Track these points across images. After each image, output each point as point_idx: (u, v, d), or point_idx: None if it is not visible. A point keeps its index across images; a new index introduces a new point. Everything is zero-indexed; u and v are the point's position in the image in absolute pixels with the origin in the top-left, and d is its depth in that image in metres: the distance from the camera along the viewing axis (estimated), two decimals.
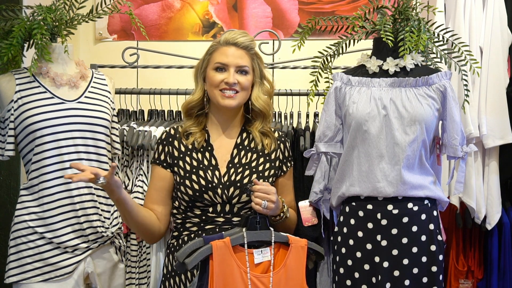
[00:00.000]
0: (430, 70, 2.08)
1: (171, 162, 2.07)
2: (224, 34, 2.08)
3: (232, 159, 2.07)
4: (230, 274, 1.85)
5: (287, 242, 1.94)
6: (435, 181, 2.05)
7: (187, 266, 1.81)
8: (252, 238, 1.91)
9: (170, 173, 2.08)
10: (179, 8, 3.47)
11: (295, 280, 1.93)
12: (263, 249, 1.91)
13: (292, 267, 1.92)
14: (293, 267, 1.93)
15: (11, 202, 2.90)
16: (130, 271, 2.52)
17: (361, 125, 2.00)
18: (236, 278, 1.85)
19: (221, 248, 1.84)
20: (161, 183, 2.09)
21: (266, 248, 1.92)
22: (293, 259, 1.93)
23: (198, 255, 1.82)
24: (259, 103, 2.08)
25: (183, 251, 1.83)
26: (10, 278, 2.15)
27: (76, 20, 2.32)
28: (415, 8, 2.14)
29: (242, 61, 2.04)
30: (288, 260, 1.92)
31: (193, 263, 1.81)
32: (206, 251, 1.83)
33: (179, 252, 1.84)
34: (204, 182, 2.01)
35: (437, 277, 1.98)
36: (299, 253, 1.94)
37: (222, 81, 2.02)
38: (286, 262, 1.92)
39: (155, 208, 2.08)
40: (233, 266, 1.85)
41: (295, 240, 1.95)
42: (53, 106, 2.16)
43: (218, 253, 1.83)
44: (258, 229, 1.92)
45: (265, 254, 1.91)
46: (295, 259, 1.93)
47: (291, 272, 1.92)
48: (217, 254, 1.83)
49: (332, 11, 3.35)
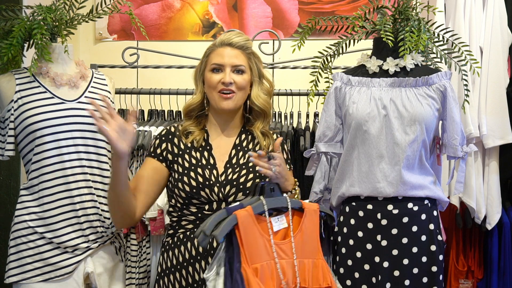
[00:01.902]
0: (430, 70, 2.08)
1: (169, 158, 2.07)
2: (220, 36, 2.09)
3: (230, 159, 2.07)
4: (255, 243, 1.84)
5: (301, 208, 1.94)
6: (435, 181, 2.05)
7: (217, 238, 1.78)
8: (271, 205, 1.89)
9: (165, 167, 2.06)
10: (179, 8, 3.47)
11: (310, 243, 1.93)
12: (279, 217, 1.91)
13: (307, 231, 1.93)
14: (308, 231, 1.93)
15: (11, 202, 2.90)
16: (130, 271, 2.52)
17: (361, 125, 2.00)
18: (260, 247, 1.84)
19: (245, 217, 1.82)
20: (153, 174, 2.05)
21: (282, 215, 1.91)
22: (308, 223, 1.93)
23: (225, 226, 1.79)
24: (259, 101, 2.09)
25: (210, 223, 1.79)
26: (10, 278, 2.15)
27: (76, 20, 2.32)
28: (415, 8, 2.14)
29: (238, 60, 2.05)
30: (304, 225, 1.92)
31: (221, 234, 1.78)
32: (232, 221, 1.81)
33: (205, 226, 1.80)
34: (201, 180, 2.01)
35: (437, 277, 1.98)
36: (313, 217, 1.94)
37: (219, 82, 2.03)
38: (302, 227, 1.92)
39: (137, 195, 2.02)
40: (256, 235, 1.84)
41: (308, 205, 1.95)
42: (53, 106, 2.16)
43: (243, 223, 1.82)
44: (274, 196, 1.91)
45: (281, 221, 1.91)
46: (310, 223, 1.93)
47: (306, 236, 1.92)
48: (242, 224, 1.81)
49: (332, 11, 3.35)
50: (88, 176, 2.19)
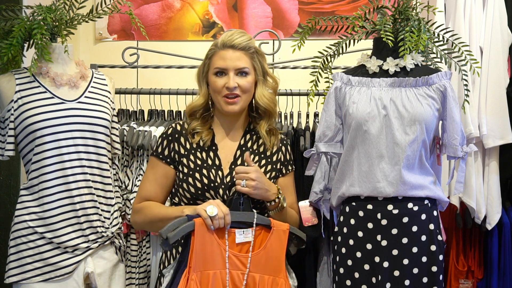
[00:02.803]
0: (430, 70, 2.08)
1: (176, 158, 2.07)
2: (221, 36, 2.07)
3: (235, 160, 2.08)
4: (210, 251, 1.91)
5: (269, 225, 2.00)
6: (435, 181, 2.05)
7: (170, 240, 1.86)
8: (234, 218, 1.95)
9: (173, 169, 2.08)
10: (179, 8, 3.47)
11: (274, 263, 1.98)
12: (245, 230, 1.97)
13: (272, 250, 1.98)
14: (273, 249, 1.98)
15: (11, 202, 2.90)
16: (130, 271, 2.52)
17: (361, 125, 2.00)
18: (215, 256, 1.91)
19: (203, 225, 1.90)
20: (164, 180, 2.09)
21: (248, 229, 1.98)
22: (274, 242, 1.99)
23: (180, 230, 1.88)
24: (263, 101, 2.09)
25: (167, 227, 1.88)
26: (10, 278, 2.15)
27: (76, 20, 2.32)
28: (415, 8, 2.14)
29: (241, 62, 2.04)
30: (269, 242, 1.98)
31: (175, 238, 1.87)
32: (188, 227, 1.89)
33: (163, 229, 1.88)
34: (206, 181, 2.01)
35: (437, 277, 1.98)
36: (281, 237, 2.00)
37: (223, 87, 2.02)
38: (267, 244, 1.98)
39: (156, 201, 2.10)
40: (213, 244, 1.91)
41: (277, 224, 2.01)
42: (53, 106, 2.16)
43: (199, 230, 1.89)
44: (241, 210, 1.97)
45: (246, 234, 1.97)
46: (276, 242, 1.99)
47: (271, 254, 1.98)
48: (198, 231, 1.89)
49: (332, 11, 3.35)
50: (88, 176, 2.19)
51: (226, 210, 1.93)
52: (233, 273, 1.93)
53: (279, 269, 1.99)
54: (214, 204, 1.92)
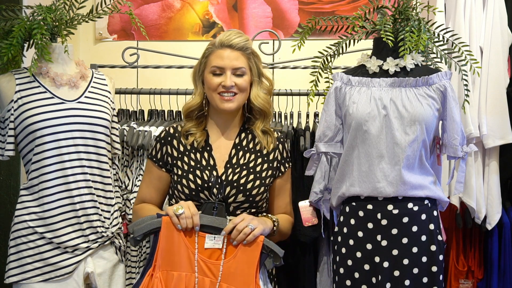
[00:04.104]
0: (430, 70, 2.08)
1: (169, 161, 2.08)
2: (219, 36, 2.08)
3: (230, 159, 2.07)
4: (178, 252, 1.87)
5: None
6: (435, 181, 2.05)
7: (134, 234, 1.85)
8: (204, 221, 1.92)
9: (165, 173, 2.10)
10: (179, 8, 3.47)
11: (243, 273, 1.89)
12: (216, 236, 1.92)
13: (242, 260, 1.90)
14: (243, 260, 1.90)
15: (11, 202, 2.90)
16: (130, 271, 2.52)
17: (361, 125, 2.00)
18: (182, 257, 1.88)
19: (170, 224, 1.87)
20: (158, 183, 2.13)
21: (220, 236, 1.92)
22: (245, 252, 1.91)
23: (146, 225, 1.86)
24: (259, 101, 2.09)
25: (135, 223, 1.88)
26: (10, 278, 2.15)
27: (76, 20, 2.32)
28: (415, 8, 2.14)
29: (238, 62, 2.04)
30: (239, 252, 1.91)
31: (139, 232, 1.85)
32: (155, 223, 1.87)
33: (131, 224, 1.88)
34: (200, 182, 2.01)
35: (437, 277, 1.98)
36: (252, 247, 1.91)
37: (219, 85, 2.03)
38: (237, 254, 1.91)
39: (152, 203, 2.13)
40: (181, 245, 1.88)
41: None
42: (53, 106, 2.16)
43: (167, 229, 1.86)
44: (214, 215, 1.95)
45: (217, 241, 1.91)
46: (247, 253, 1.90)
47: (240, 264, 1.90)
48: (166, 229, 1.86)
49: (332, 11, 3.35)
50: (88, 176, 2.19)
51: (194, 210, 1.92)
52: (204, 279, 1.87)
53: (248, 282, 1.88)
54: (183, 204, 1.92)
